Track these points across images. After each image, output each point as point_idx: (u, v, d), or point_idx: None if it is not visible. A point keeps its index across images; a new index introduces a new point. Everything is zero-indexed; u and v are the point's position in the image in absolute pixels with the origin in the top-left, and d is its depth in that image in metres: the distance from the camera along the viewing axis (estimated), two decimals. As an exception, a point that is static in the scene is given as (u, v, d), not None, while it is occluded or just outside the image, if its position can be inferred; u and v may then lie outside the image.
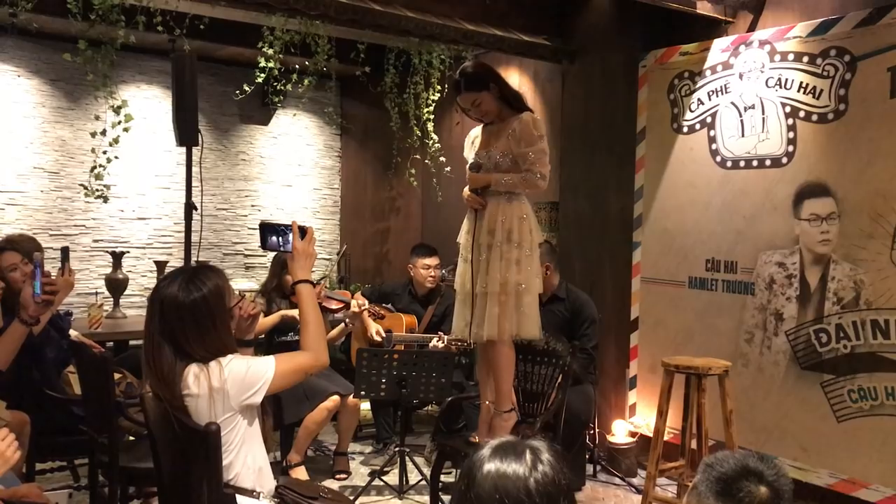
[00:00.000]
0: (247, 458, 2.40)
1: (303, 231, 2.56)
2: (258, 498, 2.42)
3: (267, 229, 2.64)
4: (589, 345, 4.45)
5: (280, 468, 4.37)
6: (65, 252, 3.45)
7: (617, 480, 4.67)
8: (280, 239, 2.60)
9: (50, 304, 2.89)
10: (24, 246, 3.77)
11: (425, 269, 5.25)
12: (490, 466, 1.33)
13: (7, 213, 5.68)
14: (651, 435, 4.26)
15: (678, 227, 4.73)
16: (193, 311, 2.32)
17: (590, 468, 4.70)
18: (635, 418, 4.92)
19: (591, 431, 4.83)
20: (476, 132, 3.68)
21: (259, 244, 2.70)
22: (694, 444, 3.97)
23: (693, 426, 3.98)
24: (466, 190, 3.55)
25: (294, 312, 4.69)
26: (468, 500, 1.33)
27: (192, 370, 2.33)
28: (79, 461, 4.07)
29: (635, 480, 4.62)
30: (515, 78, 5.77)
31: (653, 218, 4.87)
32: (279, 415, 4.33)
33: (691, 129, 4.68)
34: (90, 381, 3.48)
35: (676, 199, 4.74)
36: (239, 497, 2.37)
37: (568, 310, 4.53)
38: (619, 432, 4.83)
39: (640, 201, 4.93)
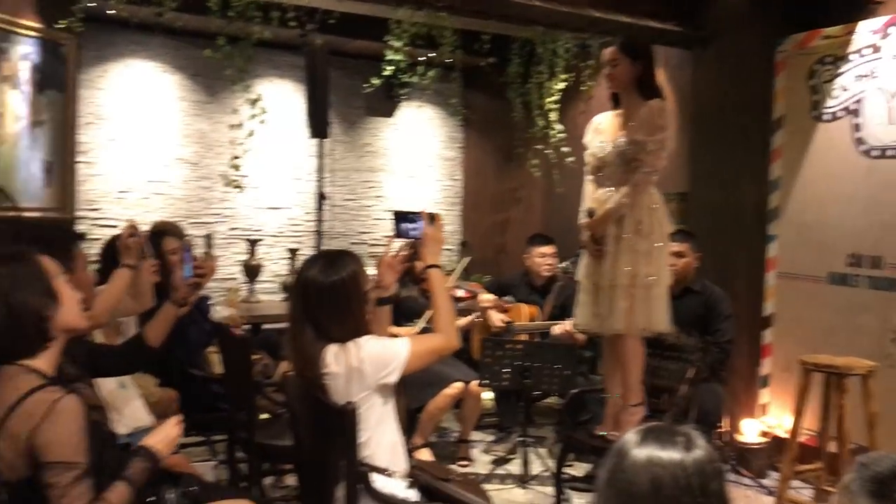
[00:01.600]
0: (382, 437, 2.46)
1: (432, 218, 2.68)
2: (391, 477, 2.47)
3: (400, 217, 2.79)
4: (723, 339, 4.30)
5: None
6: (209, 238, 3.64)
7: (747, 481, 4.51)
8: (411, 226, 2.71)
9: (199, 287, 3.05)
10: (180, 233, 4.02)
11: (541, 257, 5.23)
12: (642, 451, 1.32)
13: (152, 202, 6.03)
14: (784, 435, 4.10)
15: (817, 220, 4.51)
16: (332, 293, 2.42)
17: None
18: (767, 418, 4.74)
19: (720, 429, 4.68)
20: (601, 119, 3.62)
21: (392, 231, 2.81)
22: (832, 447, 3.79)
23: (832, 428, 3.80)
24: (585, 235, 3.48)
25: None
26: (617, 484, 1.32)
27: (332, 350, 2.41)
28: (216, 437, 4.27)
29: (766, 482, 4.46)
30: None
31: (790, 210, 4.66)
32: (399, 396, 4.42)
33: (833, 117, 4.44)
34: (231, 361, 3.66)
35: (816, 191, 4.52)
36: (373, 475, 2.43)
37: (702, 304, 4.39)
38: (750, 432, 4.66)
39: (777, 193, 4.73)
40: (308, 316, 2.44)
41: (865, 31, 4.27)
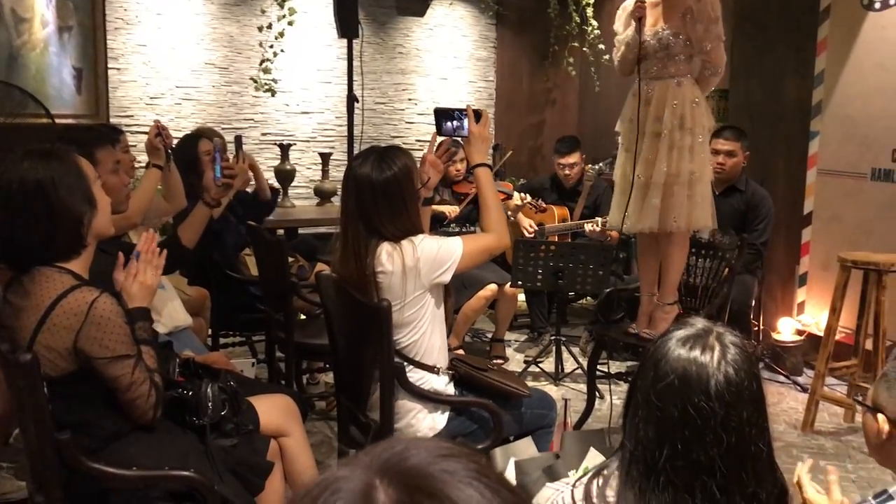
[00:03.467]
0: (433, 336, 2.49)
1: (478, 115, 2.58)
2: (438, 374, 2.52)
3: (442, 115, 2.67)
4: (759, 240, 4.25)
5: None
6: (238, 140, 3.63)
7: (781, 378, 4.53)
8: (455, 124, 2.62)
9: (230, 188, 3.06)
10: (213, 135, 4.02)
11: (560, 168, 5.14)
12: (677, 365, 1.31)
13: (184, 108, 6.01)
14: (820, 334, 4.08)
15: (862, 115, 4.36)
16: (386, 188, 2.38)
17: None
18: (804, 316, 4.71)
19: (755, 328, 4.68)
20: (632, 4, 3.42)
21: (435, 130, 2.72)
22: (869, 345, 3.77)
23: (869, 325, 3.77)
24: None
25: (441, 208, 4.74)
26: (653, 397, 1.31)
27: (385, 248, 2.40)
28: (256, 338, 4.39)
29: (801, 379, 4.47)
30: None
31: (834, 105, 4.51)
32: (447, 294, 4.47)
33: (884, 5, 4.23)
34: (266, 263, 3.71)
35: (863, 84, 4.35)
36: (419, 371, 2.48)
37: (745, 203, 4.33)
38: (786, 330, 4.65)
39: (821, 87, 4.56)
40: (361, 213, 2.40)
41: None
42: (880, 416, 1.59)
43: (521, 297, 5.24)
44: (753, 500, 1.29)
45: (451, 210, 4.82)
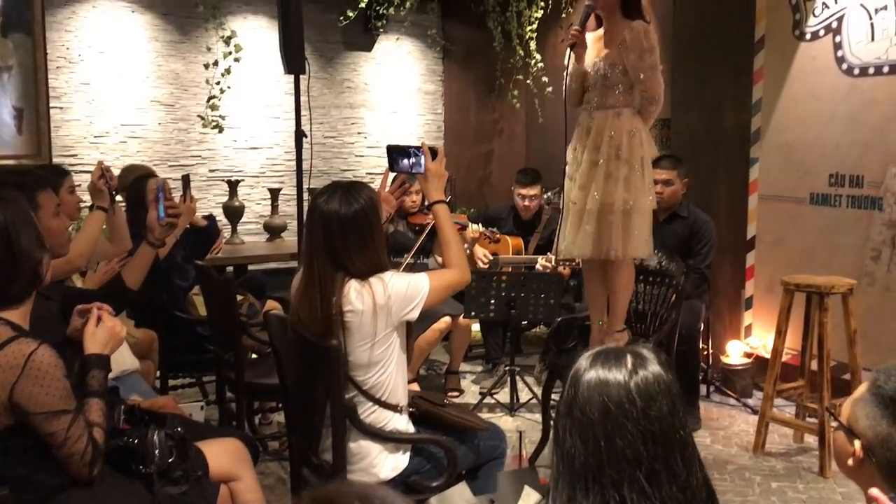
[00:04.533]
0: (397, 374, 2.47)
1: (434, 152, 2.58)
2: (400, 413, 2.50)
3: (396, 151, 2.65)
4: (702, 264, 4.34)
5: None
6: (186, 179, 3.59)
7: (731, 401, 4.60)
8: (412, 160, 2.62)
9: (174, 227, 3.01)
10: (153, 173, 3.98)
11: (521, 198, 5.19)
12: (592, 374, 1.33)
13: (129, 146, 5.93)
14: (767, 356, 4.16)
15: (799, 141, 4.49)
16: (354, 222, 2.36)
17: (703, 389, 4.64)
18: (751, 339, 4.80)
19: (705, 352, 4.76)
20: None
21: (389, 167, 2.71)
22: (814, 366, 3.85)
23: (813, 346, 3.86)
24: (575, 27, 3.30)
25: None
26: (575, 406, 1.33)
27: (353, 286, 2.37)
28: (206, 378, 4.31)
29: (750, 401, 4.54)
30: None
31: (772, 132, 4.64)
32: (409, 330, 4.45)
33: (815, 36, 4.39)
34: (214, 302, 3.66)
35: (798, 112, 4.49)
36: (384, 412, 2.46)
37: (687, 228, 4.42)
38: (734, 353, 4.73)
39: (758, 115, 4.70)
40: (328, 249, 2.37)
41: (847, -55, 4.19)
42: (857, 443, 1.52)
43: (476, 327, 5.25)
44: (686, 488, 1.29)
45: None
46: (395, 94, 7.06)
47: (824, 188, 4.37)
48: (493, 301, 4.24)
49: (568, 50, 3.31)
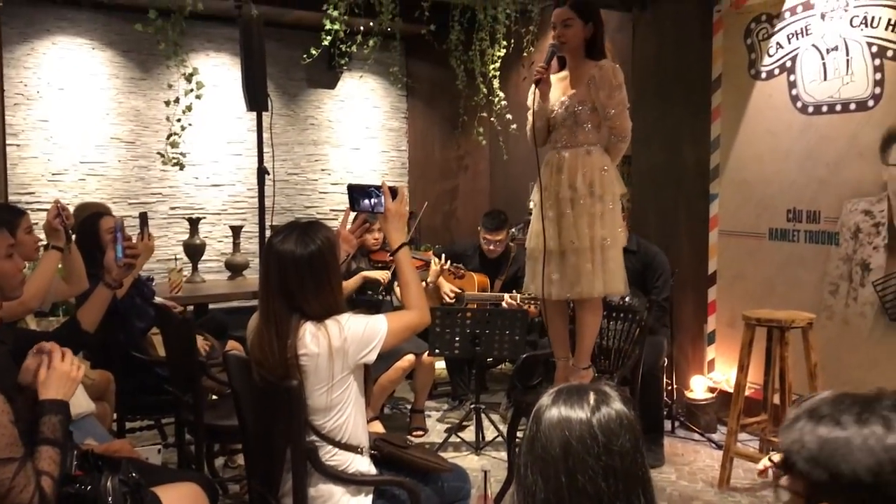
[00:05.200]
0: (356, 417, 2.42)
1: (394, 192, 2.56)
2: (362, 454, 2.45)
3: (357, 192, 2.63)
4: (660, 297, 4.37)
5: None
6: (143, 217, 3.54)
7: (696, 436, 4.60)
8: (374, 201, 2.59)
9: (132, 268, 2.96)
10: (109, 212, 3.90)
11: (486, 242, 5.19)
12: (554, 411, 1.32)
13: (88, 184, 5.86)
14: (730, 390, 4.18)
15: (757, 178, 4.57)
16: (311, 263, 2.32)
17: (668, 424, 4.64)
18: (714, 374, 4.83)
19: (669, 387, 4.77)
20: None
21: (349, 206, 2.68)
22: (776, 399, 3.88)
23: (775, 380, 3.89)
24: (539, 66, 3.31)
25: (374, 274, 4.73)
26: (537, 443, 1.31)
27: (309, 329, 2.32)
28: (165, 420, 4.22)
29: (715, 436, 4.55)
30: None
31: (730, 168, 4.72)
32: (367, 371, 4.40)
33: (770, 75, 4.49)
34: (174, 342, 3.59)
35: (755, 149, 4.58)
36: (344, 454, 2.41)
37: (639, 262, 4.45)
38: (698, 388, 4.75)
39: (717, 152, 4.78)
40: (283, 290, 2.33)
41: (798, -13, 4.31)
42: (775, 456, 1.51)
43: (441, 364, 5.21)
44: None
45: (384, 276, 4.78)
46: (358, 131, 7.08)
47: (782, 223, 4.45)
48: (457, 338, 4.22)
49: (533, 87, 3.34)
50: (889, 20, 3.89)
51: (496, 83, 6.12)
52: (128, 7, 5.54)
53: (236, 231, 5.79)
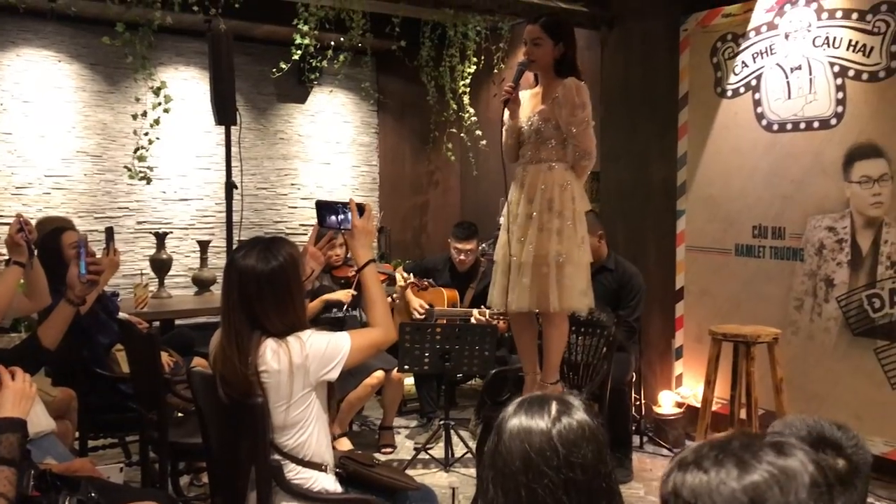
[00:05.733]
0: (319, 434, 2.39)
1: (360, 209, 2.54)
2: (326, 471, 2.43)
3: (324, 208, 2.61)
4: (631, 317, 4.39)
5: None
6: (109, 232, 3.49)
7: (664, 451, 4.62)
8: (340, 217, 2.58)
9: (95, 284, 2.91)
10: (73, 227, 3.84)
11: (457, 252, 5.20)
12: (515, 421, 1.30)
13: (53, 198, 5.78)
14: (698, 405, 4.20)
15: (723, 194, 4.62)
16: (272, 280, 2.29)
17: (637, 439, 4.66)
18: (682, 389, 4.86)
19: (637, 402, 4.79)
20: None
21: (318, 222, 2.67)
22: (743, 414, 3.91)
23: (742, 395, 3.92)
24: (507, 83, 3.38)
25: (336, 295, 4.69)
26: (498, 456, 1.30)
27: (270, 346, 2.29)
28: (130, 438, 4.15)
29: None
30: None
31: (697, 185, 4.77)
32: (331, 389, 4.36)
33: (735, 93, 4.56)
34: (138, 359, 3.53)
35: (721, 166, 4.64)
36: (308, 471, 2.38)
37: (616, 280, 4.47)
38: (666, 403, 4.77)
39: (684, 168, 4.83)
40: (245, 306, 2.30)
41: (762, 9, 4.38)
42: None
43: (410, 380, 5.19)
44: None
45: (346, 295, 4.75)
46: (329, 146, 7.07)
47: (748, 240, 4.50)
48: (427, 354, 4.20)
49: (502, 106, 3.37)
50: (850, 41, 3.97)
51: (466, 99, 6.15)
52: (95, 20, 5.48)
53: (204, 246, 5.74)
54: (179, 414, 3.89)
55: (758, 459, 1.06)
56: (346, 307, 4.69)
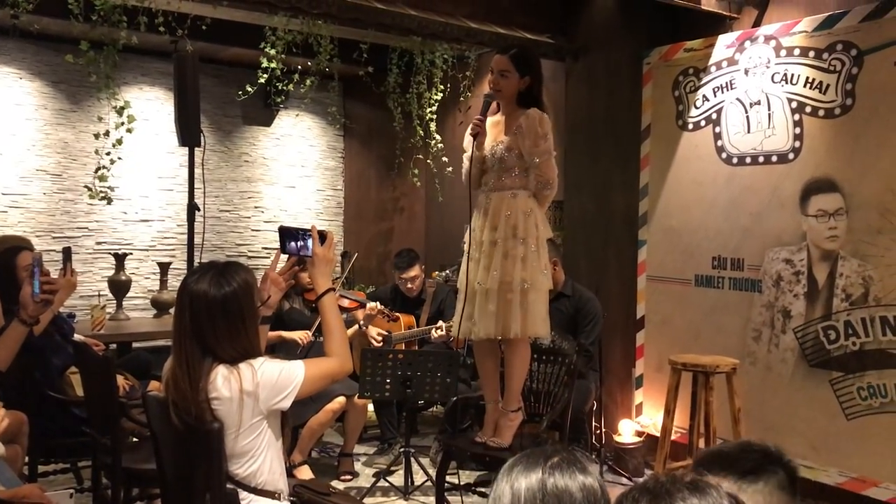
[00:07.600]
0: (272, 462, 2.36)
1: (322, 237, 2.53)
2: (280, 500, 2.39)
3: (286, 234, 2.60)
4: (587, 341, 4.42)
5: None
6: (66, 252, 3.43)
7: (624, 480, 4.63)
8: (300, 244, 2.57)
9: (49, 304, 2.85)
10: (30, 246, 3.76)
11: (402, 282, 5.22)
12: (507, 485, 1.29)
13: (10, 216, 5.67)
14: (658, 434, 4.23)
15: (684, 225, 4.69)
16: (224, 306, 2.26)
17: (596, 468, 4.66)
18: (642, 418, 4.88)
19: (597, 431, 4.80)
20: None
21: (280, 248, 2.65)
22: (702, 444, 3.94)
23: (700, 425, 3.95)
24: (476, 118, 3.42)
25: (294, 335, 4.63)
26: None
27: (221, 372, 2.26)
28: (82, 463, 4.05)
29: (642, 480, 4.58)
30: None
31: (658, 216, 4.84)
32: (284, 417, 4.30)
33: (696, 126, 4.64)
34: (93, 382, 3.46)
35: (682, 197, 4.71)
36: (261, 499, 2.34)
37: (573, 306, 4.52)
38: (626, 432, 4.79)
39: (645, 199, 4.89)
40: (196, 332, 2.27)
41: (723, 44, 4.48)
42: None
43: (371, 406, 5.14)
44: None
45: (304, 336, 4.68)
46: (294, 170, 7.04)
47: (708, 270, 4.56)
48: (388, 380, 4.17)
49: (471, 138, 3.41)
50: (808, 78, 4.08)
51: (433, 126, 6.18)
52: (59, 38, 5.43)
53: (164, 268, 5.66)
54: (134, 439, 3.81)
55: (673, 499, 1.08)
56: (299, 352, 4.57)
